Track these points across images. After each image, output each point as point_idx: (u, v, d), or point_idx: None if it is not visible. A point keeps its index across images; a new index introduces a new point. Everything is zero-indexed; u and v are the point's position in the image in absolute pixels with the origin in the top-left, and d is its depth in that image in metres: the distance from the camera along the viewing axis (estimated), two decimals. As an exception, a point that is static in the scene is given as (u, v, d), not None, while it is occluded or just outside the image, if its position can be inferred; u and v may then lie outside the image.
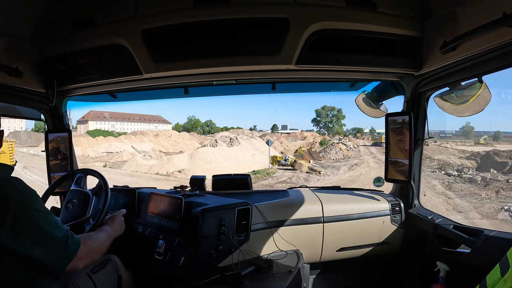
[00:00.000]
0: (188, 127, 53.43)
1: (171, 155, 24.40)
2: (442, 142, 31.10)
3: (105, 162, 23.77)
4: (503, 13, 1.12)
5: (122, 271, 1.50)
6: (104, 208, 1.60)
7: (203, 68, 1.70)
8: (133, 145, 30.20)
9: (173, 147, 32.35)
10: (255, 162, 22.62)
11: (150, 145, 31.15)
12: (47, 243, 1.00)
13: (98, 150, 29.34)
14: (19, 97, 1.84)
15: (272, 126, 57.97)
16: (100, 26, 1.67)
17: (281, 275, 1.58)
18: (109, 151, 28.90)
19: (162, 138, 34.56)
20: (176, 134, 37.53)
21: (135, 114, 54.61)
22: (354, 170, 19.35)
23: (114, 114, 51.28)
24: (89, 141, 32.55)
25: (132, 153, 26.31)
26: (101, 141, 32.90)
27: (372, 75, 1.90)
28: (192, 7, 1.56)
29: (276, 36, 1.57)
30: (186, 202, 1.66)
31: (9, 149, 20.00)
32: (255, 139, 29.30)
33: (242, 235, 1.70)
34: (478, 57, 1.37)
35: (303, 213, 1.94)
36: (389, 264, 2.14)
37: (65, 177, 1.78)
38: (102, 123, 49.12)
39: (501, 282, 0.85)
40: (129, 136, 35.79)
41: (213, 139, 28.53)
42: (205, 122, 57.55)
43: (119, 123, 51.41)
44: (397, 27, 1.60)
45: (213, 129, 55.56)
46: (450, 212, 10.95)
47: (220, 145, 25.57)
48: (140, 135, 35.77)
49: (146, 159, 23.92)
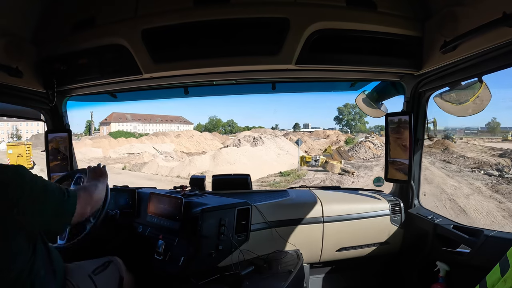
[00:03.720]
0: (209, 127, 53.27)
1: (193, 156, 23.58)
2: (469, 139, 29.89)
3: (124, 164, 23.13)
4: (503, 13, 1.12)
5: (124, 273, 1.50)
6: (104, 207, 1.61)
7: (203, 68, 1.70)
8: (154, 146, 29.80)
9: (195, 148, 31.77)
10: (280, 162, 21.38)
11: (172, 146, 30.70)
12: (48, 200, 1.05)
13: (119, 151, 28.96)
14: (19, 97, 1.84)
15: (294, 124, 57.24)
16: (100, 26, 1.67)
17: (281, 275, 1.58)
18: (130, 152, 28.49)
19: (184, 138, 34.11)
20: (198, 134, 37.21)
21: (156, 115, 54.63)
22: None
23: (136, 116, 51.42)
24: (110, 142, 32.38)
25: (153, 154, 25.67)
26: (122, 142, 32.71)
27: (372, 75, 1.90)
28: (192, 7, 1.56)
29: (276, 36, 1.57)
30: (186, 202, 1.66)
31: (26, 152, 20.04)
32: (279, 138, 28.11)
33: (242, 235, 1.70)
34: (478, 57, 1.37)
35: (303, 213, 1.94)
36: (389, 264, 2.14)
37: (65, 177, 1.78)
38: (124, 125, 49.33)
39: (501, 282, 0.85)
40: (150, 137, 35.46)
41: (236, 139, 27.47)
42: (227, 122, 57.45)
43: (141, 124, 51.54)
44: (397, 27, 1.60)
45: (234, 128, 55.22)
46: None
47: (243, 145, 24.48)
48: (162, 136, 35.39)
49: (167, 161, 23.08)
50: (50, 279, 1.12)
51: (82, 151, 28.60)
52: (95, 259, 1.46)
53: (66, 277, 1.23)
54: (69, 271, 1.27)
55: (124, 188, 2.05)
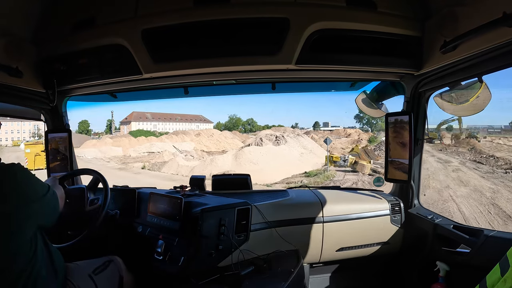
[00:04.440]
0: (229, 126, 52.62)
1: (214, 155, 23.00)
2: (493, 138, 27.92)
3: (144, 163, 22.72)
4: (503, 13, 1.12)
5: (124, 273, 1.50)
6: (104, 207, 1.61)
7: (203, 68, 1.70)
8: (174, 145, 29.55)
9: (215, 146, 31.34)
10: (304, 162, 20.63)
11: (192, 145, 30.39)
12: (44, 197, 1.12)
13: (139, 150, 28.86)
14: (19, 97, 1.84)
15: (313, 123, 55.44)
16: (100, 26, 1.67)
17: (281, 275, 1.58)
18: (150, 151, 28.25)
19: (204, 137, 33.69)
20: (218, 133, 36.44)
21: (176, 114, 54.27)
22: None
23: (156, 115, 51.16)
24: (130, 141, 32.35)
25: (173, 153, 25.32)
26: (142, 141, 32.60)
27: (372, 75, 1.90)
28: (192, 7, 1.56)
29: (276, 36, 1.57)
30: (186, 202, 1.66)
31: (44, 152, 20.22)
32: (302, 137, 27.31)
33: (242, 235, 1.69)
34: (478, 57, 1.37)
35: (303, 213, 1.94)
36: (389, 264, 2.14)
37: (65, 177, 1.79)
38: (144, 124, 49.20)
39: (501, 281, 0.85)
40: (170, 136, 35.13)
41: (258, 138, 26.82)
42: (247, 121, 56.57)
43: (161, 123, 51.18)
44: (397, 27, 1.60)
45: (254, 127, 54.26)
46: None
47: (265, 144, 23.89)
48: (182, 135, 35.01)
49: (188, 160, 22.62)
50: (51, 279, 1.13)
51: (103, 149, 28.68)
52: (95, 259, 1.47)
53: (66, 277, 1.24)
54: (70, 271, 1.28)
55: (124, 188, 2.05)
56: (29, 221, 1.05)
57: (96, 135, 45.43)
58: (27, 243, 1.03)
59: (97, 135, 43.84)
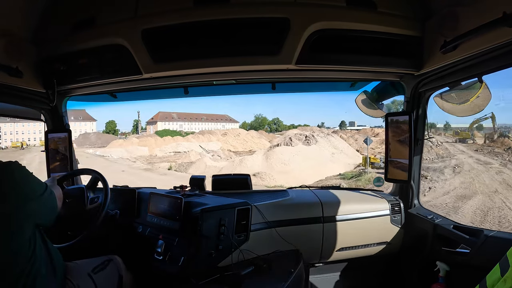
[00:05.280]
0: (255, 125, 52.64)
1: (243, 156, 22.44)
2: None
3: (170, 163, 22.34)
4: (503, 13, 1.12)
5: (123, 272, 1.50)
6: (105, 207, 1.61)
7: (203, 68, 1.70)
8: (201, 145, 29.45)
9: (242, 146, 31.14)
10: (336, 162, 19.78)
11: (219, 144, 30.19)
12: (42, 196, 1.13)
13: (165, 149, 28.76)
14: (19, 97, 1.84)
15: (340, 122, 54.49)
16: (100, 26, 1.67)
17: (281, 275, 1.58)
18: (176, 151, 28.12)
19: (231, 137, 33.45)
20: (245, 133, 36.46)
21: (202, 114, 54.35)
22: (460, 173, 15.03)
23: (181, 115, 51.47)
24: (156, 141, 32.32)
25: (199, 153, 25.05)
26: (168, 141, 32.56)
27: (372, 75, 1.90)
28: (192, 7, 1.56)
29: (276, 36, 1.57)
30: (186, 202, 1.66)
31: None
32: (333, 137, 26.62)
33: (242, 235, 1.69)
34: (478, 57, 1.37)
35: (303, 213, 1.94)
36: (389, 264, 2.14)
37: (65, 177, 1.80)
38: (170, 124, 49.55)
39: (501, 281, 0.85)
40: (196, 136, 35.14)
41: (286, 137, 26.07)
42: (272, 120, 56.34)
43: (187, 123, 51.52)
44: (397, 27, 1.60)
45: (280, 127, 53.99)
46: None
47: (295, 144, 23.05)
48: (208, 134, 34.96)
49: (215, 160, 22.12)
50: (51, 278, 1.13)
51: (129, 149, 28.62)
52: (94, 258, 1.47)
53: (66, 276, 1.24)
54: (69, 270, 1.28)
55: (124, 188, 2.05)
56: (28, 220, 1.05)
57: (123, 135, 45.95)
58: (26, 242, 1.04)
59: (124, 135, 44.30)
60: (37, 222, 1.10)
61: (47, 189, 1.16)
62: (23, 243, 1.03)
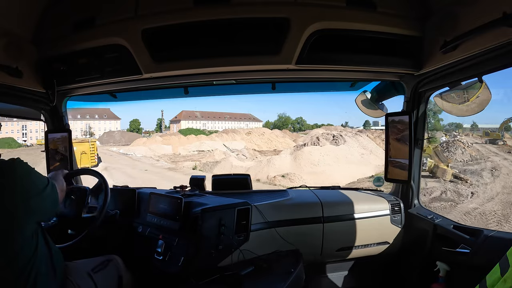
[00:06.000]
0: (279, 125, 52.37)
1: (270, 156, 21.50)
2: None
3: (195, 162, 21.63)
4: (503, 13, 1.12)
5: (123, 272, 1.50)
6: (104, 207, 1.61)
7: (203, 68, 1.70)
8: (225, 143, 28.89)
9: (266, 145, 30.42)
10: (365, 163, 18.61)
11: (243, 144, 29.52)
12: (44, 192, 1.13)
13: (189, 148, 28.44)
14: (19, 97, 1.84)
15: (364, 122, 53.01)
16: (100, 26, 1.66)
17: (281, 275, 1.58)
18: (200, 150, 27.64)
19: (255, 135, 32.85)
20: (269, 132, 36.06)
21: (225, 113, 54.66)
22: (499, 177, 13.65)
23: (205, 114, 51.80)
24: (180, 139, 32.21)
25: (224, 152, 24.33)
26: (192, 139, 32.37)
27: (372, 75, 1.90)
28: (192, 7, 1.56)
29: (276, 36, 1.57)
30: (186, 202, 1.66)
31: (90, 150, 19.34)
32: (361, 136, 25.34)
33: (242, 235, 1.69)
34: (478, 57, 1.37)
35: (303, 213, 1.94)
36: (389, 264, 2.14)
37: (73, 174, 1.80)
38: (194, 122, 49.95)
39: (501, 281, 0.85)
40: (220, 134, 34.50)
41: (314, 137, 24.97)
42: (296, 120, 56.14)
43: (210, 121, 51.85)
44: (397, 27, 1.60)
45: (303, 126, 53.77)
46: None
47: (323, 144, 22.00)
48: (232, 133, 34.32)
49: (241, 159, 21.32)
50: (51, 277, 1.13)
51: (152, 147, 28.41)
52: (94, 258, 1.47)
53: (66, 275, 1.24)
54: (69, 269, 1.28)
55: (124, 188, 2.05)
56: (30, 217, 1.05)
57: (147, 133, 46.45)
58: (28, 240, 1.04)
59: (147, 134, 44.73)
60: (40, 218, 1.10)
61: (49, 183, 1.16)
62: (25, 241, 1.03)
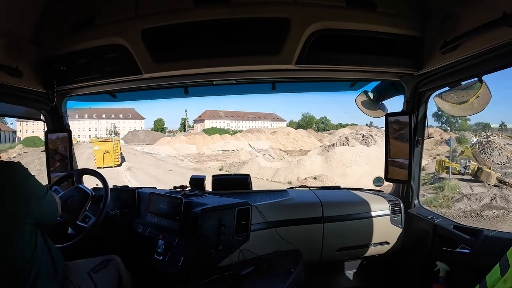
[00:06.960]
0: (303, 124, 52.18)
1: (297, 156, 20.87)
2: None
3: (221, 162, 21.03)
4: (503, 13, 1.12)
5: (123, 272, 1.50)
6: (104, 207, 1.61)
7: (203, 68, 1.70)
8: (250, 143, 28.53)
9: (291, 145, 29.86)
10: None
11: (268, 143, 29.20)
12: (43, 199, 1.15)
13: (213, 148, 28.15)
14: (19, 97, 1.84)
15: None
16: (100, 26, 1.66)
17: (281, 275, 1.58)
18: (225, 149, 27.24)
19: (280, 135, 32.46)
20: (294, 132, 35.42)
21: (249, 112, 54.85)
22: None
23: (228, 113, 51.98)
24: (204, 139, 32.09)
25: (250, 152, 23.82)
26: (216, 139, 32.11)
27: (372, 75, 1.90)
28: (192, 7, 1.56)
29: (276, 36, 1.57)
30: (186, 202, 1.66)
31: (113, 149, 19.20)
32: None
33: (242, 235, 1.70)
34: (478, 57, 1.37)
35: (303, 213, 1.94)
36: (389, 264, 2.14)
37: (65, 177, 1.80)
38: (218, 122, 50.14)
39: (501, 282, 0.85)
40: (245, 134, 34.34)
41: (343, 137, 24.16)
42: (320, 119, 55.92)
43: (234, 121, 52.06)
44: (397, 27, 1.60)
45: (328, 126, 53.42)
46: None
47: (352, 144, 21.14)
48: (257, 133, 33.96)
49: (268, 160, 20.61)
50: (52, 277, 1.13)
51: (177, 147, 28.39)
52: (94, 258, 1.47)
53: (66, 275, 1.24)
54: (69, 269, 1.28)
55: (124, 188, 2.05)
56: (28, 219, 1.05)
57: (171, 132, 46.91)
58: (27, 241, 1.04)
59: (172, 133, 45.16)
60: (38, 222, 1.10)
61: (48, 192, 1.16)
62: (23, 243, 1.03)
